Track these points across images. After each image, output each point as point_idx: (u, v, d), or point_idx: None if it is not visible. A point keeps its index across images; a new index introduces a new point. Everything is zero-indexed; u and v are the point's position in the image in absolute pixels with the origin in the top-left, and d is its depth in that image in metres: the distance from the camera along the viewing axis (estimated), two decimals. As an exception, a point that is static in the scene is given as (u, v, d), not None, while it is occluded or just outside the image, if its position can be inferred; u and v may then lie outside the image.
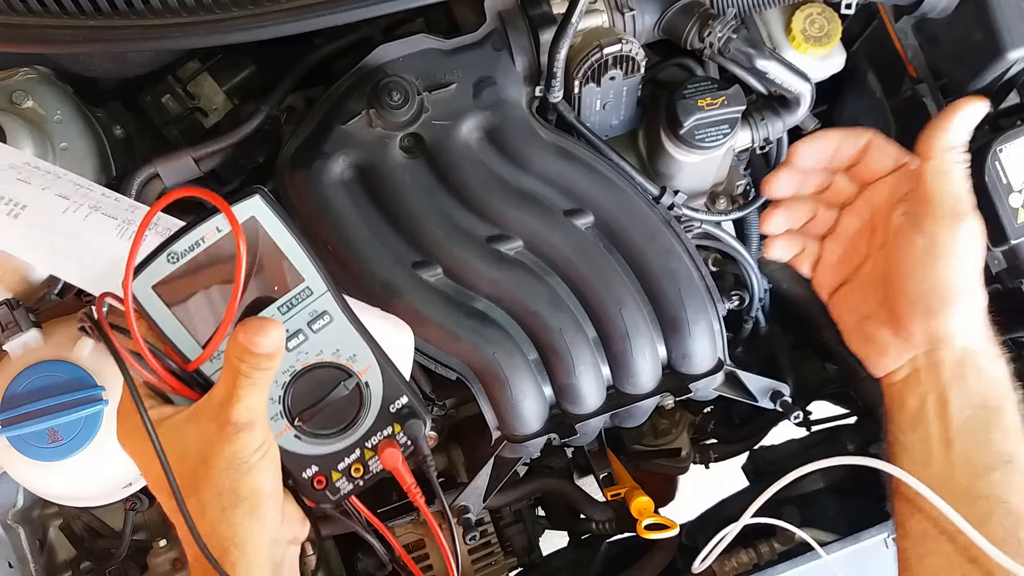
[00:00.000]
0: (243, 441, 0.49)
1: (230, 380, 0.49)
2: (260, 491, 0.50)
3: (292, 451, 0.55)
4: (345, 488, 0.57)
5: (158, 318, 0.50)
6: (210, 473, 0.49)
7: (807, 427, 1.12)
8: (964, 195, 0.50)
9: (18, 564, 0.81)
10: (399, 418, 0.57)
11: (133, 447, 0.53)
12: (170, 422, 0.51)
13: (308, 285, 0.52)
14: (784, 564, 0.79)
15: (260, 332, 0.48)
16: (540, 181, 0.75)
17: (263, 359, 0.48)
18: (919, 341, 0.52)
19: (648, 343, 0.73)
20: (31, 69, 0.72)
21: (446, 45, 0.74)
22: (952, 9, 0.78)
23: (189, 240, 0.49)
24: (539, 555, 1.07)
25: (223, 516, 0.49)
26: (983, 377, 0.52)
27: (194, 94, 0.81)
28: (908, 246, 0.51)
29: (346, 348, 0.54)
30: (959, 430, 0.51)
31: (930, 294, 0.51)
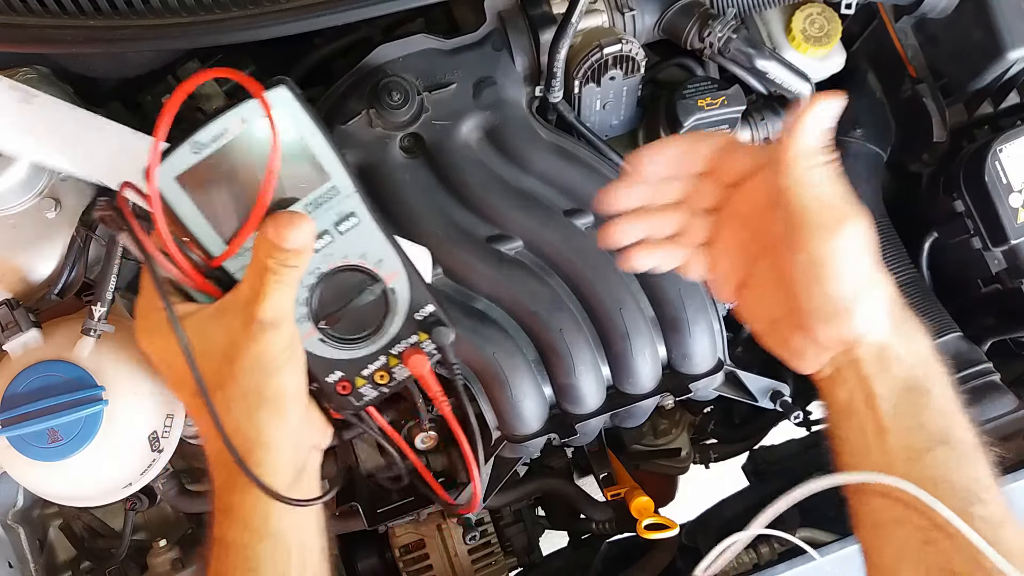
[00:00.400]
0: (269, 340, 0.48)
1: (257, 277, 0.47)
2: (285, 392, 0.49)
3: (317, 354, 0.54)
4: (369, 395, 0.56)
5: (181, 211, 0.48)
6: (235, 372, 0.48)
7: (807, 427, 1.11)
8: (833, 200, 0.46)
9: (18, 564, 0.81)
10: (425, 326, 0.55)
11: (153, 345, 0.51)
12: (194, 318, 0.49)
13: (335, 184, 0.49)
14: (784, 564, 0.79)
15: (290, 226, 0.46)
16: (540, 181, 0.75)
17: (292, 255, 0.47)
18: (832, 344, 0.50)
19: (648, 343, 0.73)
20: (31, 69, 0.72)
21: (446, 45, 0.74)
22: (952, 9, 0.78)
23: (214, 130, 0.47)
24: (539, 555, 1.07)
25: (248, 415, 0.48)
26: (904, 363, 0.50)
27: (194, 94, 0.81)
28: (791, 264, 0.48)
29: (373, 252, 0.52)
30: (890, 418, 0.50)
31: (826, 306, 0.48)
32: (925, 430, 0.50)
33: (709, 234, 0.55)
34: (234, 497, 0.50)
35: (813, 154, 0.46)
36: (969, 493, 0.49)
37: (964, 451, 0.50)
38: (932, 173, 0.90)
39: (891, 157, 0.92)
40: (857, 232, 0.47)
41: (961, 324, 0.85)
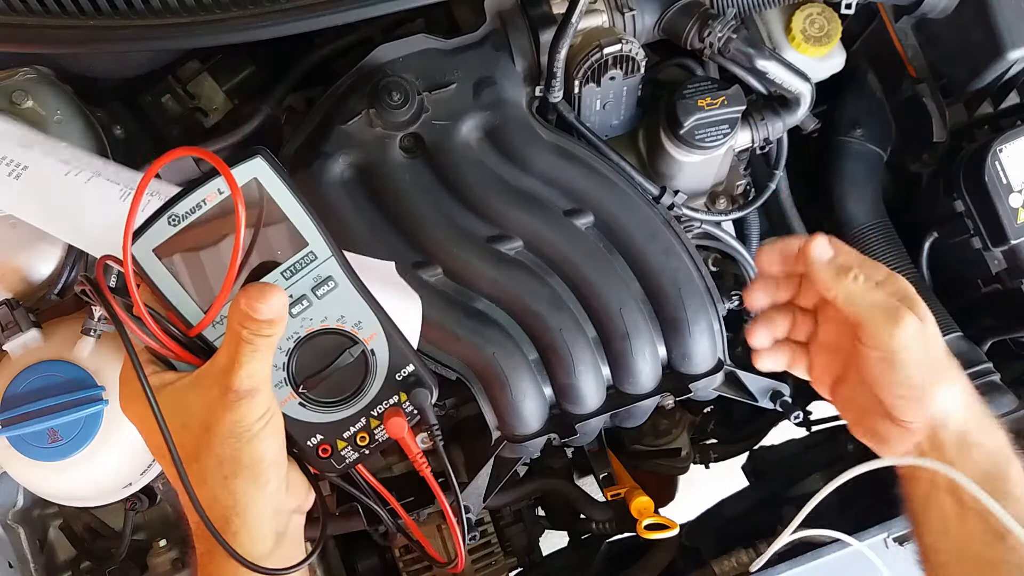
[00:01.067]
0: (245, 409, 0.48)
1: (232, 346, 0.48)
2: (263, 460, 0.49)
3: (297, 419, 0.54)
4: (351, 457, 0.56)
5: (159, 282, 0.49)
6: (212, 441, 0.48)
7: (807, 427, 1.11)
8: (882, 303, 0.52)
9: (18, 564, 0.81)
10: (405, 386, 0.56)
11: (135, 413, 0.52)
12: (172, 388, 0.50)
13: (312, 249, 0.50)
14: (784, 564, 0.79)
15: (261, 298, 0.47)
16: (540, 181, 0.75)
17: (265, 325, 0.47)
18: (917, 430, 0.54)
19: (648, 343, 0.73)
20: (31, 69, 0.72)
21: (446, 45, 0.74)
22: (952, 9, 0.78)
23: (190, 202, 0.48)
24: (539, 555, 1.07)
25: (225, 484, 0.49)
26: (984, 450, 0.54)
27: (194, 94, 0.81)
28: (866, 361, 0.53)
29: (351, 314, 0.53)
30: (972, 502, 0.53)
31: (905, 397, 0.53)
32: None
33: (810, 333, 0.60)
34: (212, 567, 0.50)
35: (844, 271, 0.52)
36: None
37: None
38: (932, 173, 0.90)
39: (891, 157, 0.92)
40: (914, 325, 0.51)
41: (961, 324, 0.85)
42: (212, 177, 0.47)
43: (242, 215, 0.46)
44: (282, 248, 0.50)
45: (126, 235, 0.47)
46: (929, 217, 0.89)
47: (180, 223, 0.48)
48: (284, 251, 0.50)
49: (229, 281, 0.48)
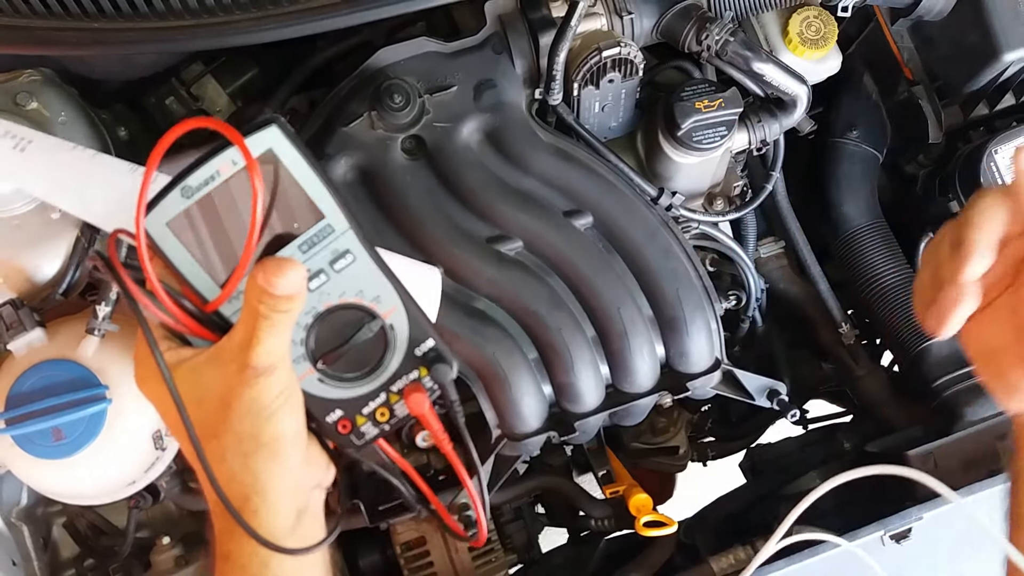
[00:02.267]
0: (264, 385, 0.47)
1: (250, 322, 0.46)
2: (282, 437, 0.48)
3: (315, 395, 0.53)
4: (371, 433, 0.55)
5: (173, 256, 0.47)
6: (230, 418, 0.47)
7: (804, 425, 1.12)
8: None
9: (22, 562, 0.82)
10: (425, 362, 0.54)
11: (151, 391, 0.51)
12: (188, 364, 0.49)
13: (330, 222, 0.49)
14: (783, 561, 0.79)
15: (279, 273, 0.45)
16: (540, 182, 0.75)
17: (283, 301, 0.46)
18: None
19: (646, 342, 0.74)
20: (35, 71, 0.72)
21: (447, 48, 0.75)
22: (948, 12, 0.79)
23: (204, 174, 0.46)
24: (539, 552, 1.07)
25: (244, 462, 0.48)
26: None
27: (198, 96, 0.81)
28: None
29: (370, 289, 0.51)
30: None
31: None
32: None
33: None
34: (232, 545, 0.49)
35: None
36: None
37: None
38: (928, 174, 0.91)
39: (887, 159, 0.93)
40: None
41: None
42: (226, 147, 0.46)
43: (259, 188, 0.44)
44: (299, 220, 0.48)
45: (139, 206, 0.45)
46: (925, 218, 0.89)
47: (194, 195, 0.46)
48: (301, 223, 0.48)
49: (246, 255, 0.46)
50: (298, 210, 0.48)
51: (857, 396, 1.00)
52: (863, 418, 1.06)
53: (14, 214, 0.69)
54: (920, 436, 0.89)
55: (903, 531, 0.80)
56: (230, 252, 0.48)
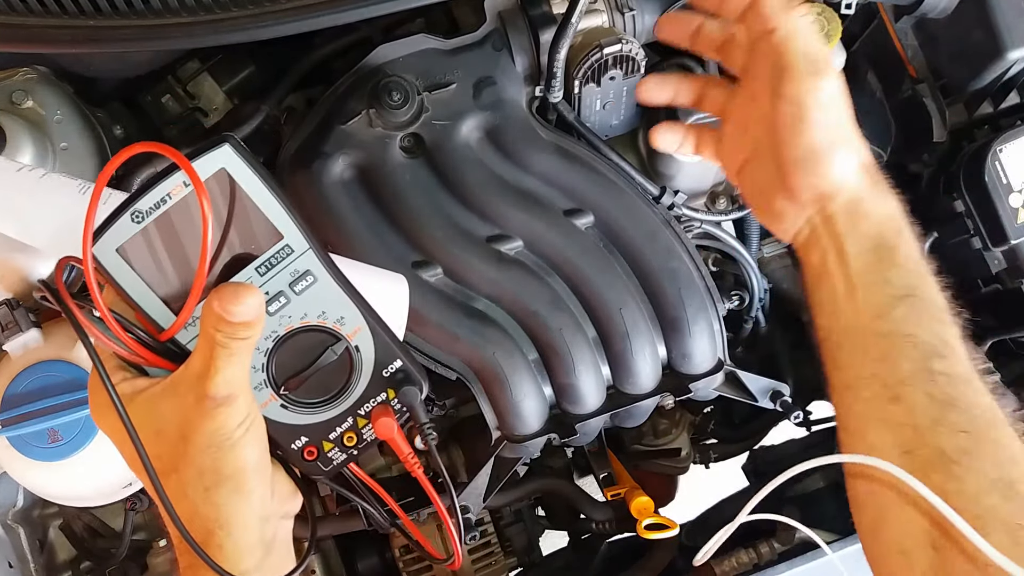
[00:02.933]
0: (224, 416, 0.45)
1: (207, 351, 0.45)
2: (245, 468, 0.47)
3: (279, 421, 0.51)
4: (338, 459, 0.54)
5: (125, 284, 0.46)
6: (190, 451, 0.45)
7: (807, 427, 1.11)
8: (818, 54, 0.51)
9: (18, 564, 0.81)
10: (393, 383, 0.53)
11: (106, 423, 0.49)
12: (145, 395, 0.47)
13: (288, 242, 0.47)
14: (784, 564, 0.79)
15: (235, 300, 0.43)
16: (540, 181, 0.75)
17: (241, 328, 0.44)
18: (808, 201, 0.53)
19: (648, 343, 0.73)
20: (31, 69, 0.72)
21: (446, 45, 0.74)
22: (952, 9, 0.78)
23: (154, 197, 0.44)
24: (539, 555, 1.07)
25: (206, 496, 0.46)
26: (873, 219, 0.53)
27: (194, 94, 0.81)
28: (777, 114, 0.52)
29: (333, 310, 0.50)
30: (859, 275, 0.52)
31: (806, 156, 0.52)
32: (891, 285, 0.52)
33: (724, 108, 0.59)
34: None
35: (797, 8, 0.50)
36: (930, 347, 0.50)
37: (928, 307, 0.52)
38: (932, 173, 0.90)
39: (891, 157, 0.92)
40: (836, 85, 0.51)
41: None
42: (176, 168, 0.44)
43: (207, 211, 0.43)
44: (256, 242, 0.47)
45: (86, 232, 0.43)
46: (929, 217, 0.89)
47: (144, 219, 0.45)
48: (258, 245, 0.47)
49: (199, 281, 0.44)
50: (256, 230, 0.47)
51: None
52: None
53: (9, 213, 0.68)
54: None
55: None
56: (184, 277, 0.46)
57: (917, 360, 0.50)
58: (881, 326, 0.51)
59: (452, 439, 0.93)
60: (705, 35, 0.61)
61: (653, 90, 0.64)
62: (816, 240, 0.54)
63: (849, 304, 0.53)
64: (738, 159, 0.58)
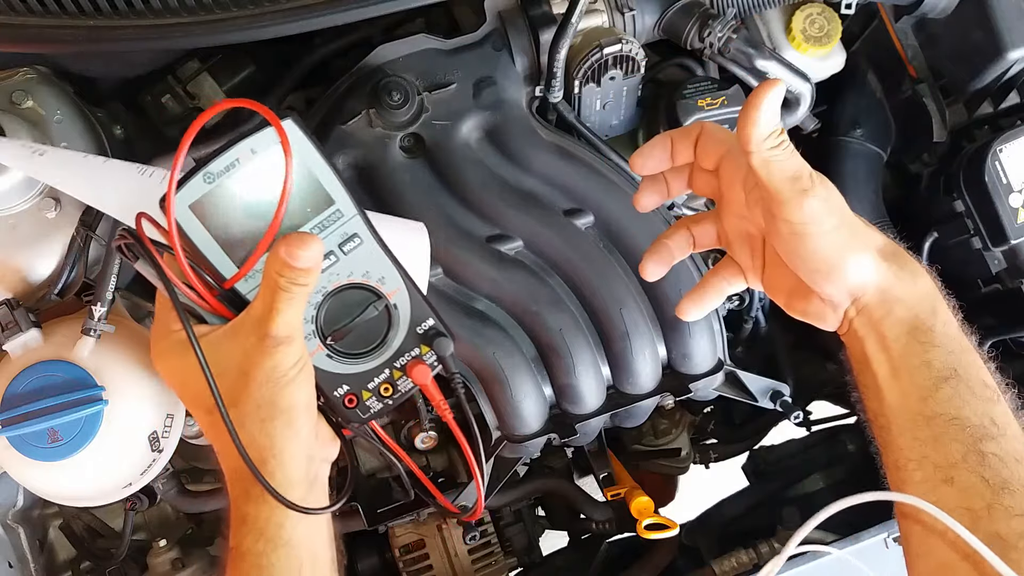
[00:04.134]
0: (282, 355, 0.50)
1: (269, 295, 0.50)
2: (297, 404, 0.51)
3: (324, 369, 0.56)
4: (375, 407, 0.58)
5: (195, 237, 0.50)
6: (250, 386, 0.50)
7: (807, 427, 1.12)
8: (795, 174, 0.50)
9: (18, 564, 0.81)
10: (426, 339, 0.58)
11: (169, 367, 0.54)
12: (207, 339, 0.52)
13: (339, 207, 0.52)
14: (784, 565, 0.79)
15: (302, 245, 0.48)
16: (540, 181, 0.75)
17: (302, 274, 0.49)
18: (841, 299, 0.54)
19: (648, 343, 0.73)
20: (31, 69, 0.72)
21: (446, 45, 0.74)
22: (952, 9, 0.78)
23: (225, 160, 0.49)
24: (539, 555, 1.07)
25: (262, 427, 0.50)
26: (906, 303, 0.53)
27: (194, 94, 0.81)
28: (777, 235, 0.52)
29: (375, 270, 0.55)
30: (900, 359, 0.52)
31: (819, 269, 0.52)
32: (932, 368, 0.51)
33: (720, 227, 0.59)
34: (249, 508, 0.51)
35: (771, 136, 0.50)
36: (979, 429, 0.50)
37: (973, 387, 0.51)
38: (932, 173, 0.90)
39: (891, 157, 0.92)
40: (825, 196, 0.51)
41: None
42: (245, 136, 0.49)
43: (290, 166, 0.48)
44: (311, 205, 0.52)
45: (170, 185, 0.48)
46: (929, 217, 0.89)
47: (215, 180, 0.49)
48: (313, 208, 0.52)
49: (273, 229, 0.49)
50: (310, 196, 0.51)
51: (861, 397, 0.99)
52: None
53: (9, 213, 0.68)
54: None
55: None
56: (247, 234, 0.51)
57: (967, 442, 0.50)
58: (927, 408, 0.51)
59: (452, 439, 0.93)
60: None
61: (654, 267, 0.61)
62: (855, 329, 0.54)
63: (894, 387, 0.53)
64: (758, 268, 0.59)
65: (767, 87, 0.49)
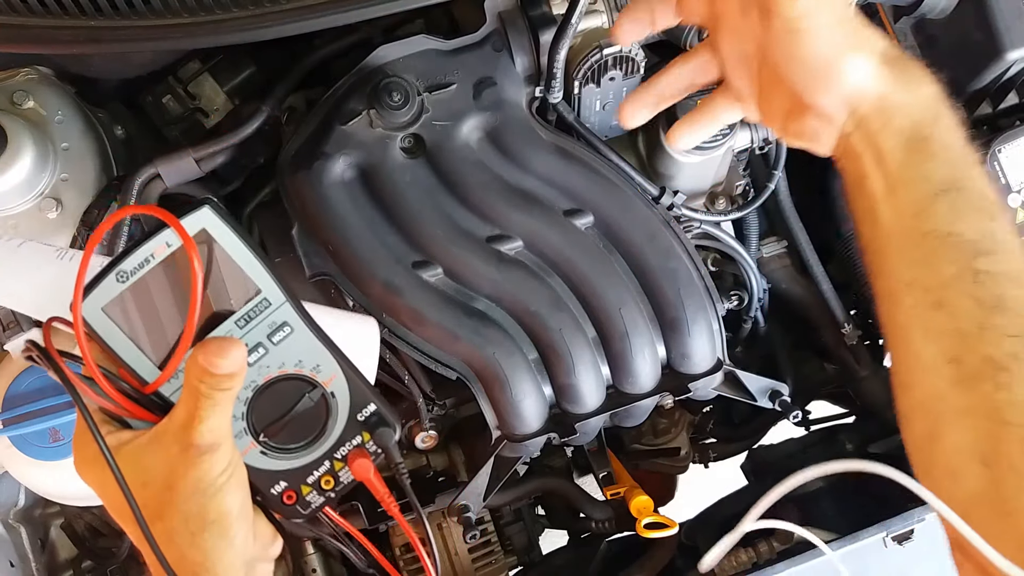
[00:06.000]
0: (208, 464, 0.47)
1: (191, 401, 0.47)
2: (229, 513, 0.48)
3: (259, 467, 0.54)
4: (316, 502, 0.56)
5: (111, 340, 0.48)
6: (175, 498, 0.47)
7: (806, 427, 1.12)
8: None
9: (19, 563, 0.82)
10: (368, 426, 0.55)
11: (92, 476, 0.50)
12: (130, 447, 0.49)
13: (266, 296, 0.50)
14: (783, 564, 0.79)
15: (220, 353, 0.46)
16: (540, 181, 0.75)
17: (225, 379, 0.47)
18: (837, 111, 0.49)
19: (647, 343, 0.73)
20: (32, 69, 0.72)
21: (446, 46, 0.74)
22: (951, 10, 0.79)
23: (138, 257, 0.47)
24: (539, 554, 1.07)
25: (192, 541, 0.48)
26: (905, 111, 0.48)
27: (195, 94, 0.81)
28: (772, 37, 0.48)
29: (309, 358, 0.52)
30: (897, 173, 0.48)
31: (814, 71, 0.48)
32: (929, 181, 0.47)
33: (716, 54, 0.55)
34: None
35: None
36: (974, 245, 0.46)
37: (973, 201, 0.47)
38: (931, 173, 0.91)
39: (890, 157, 0.92)
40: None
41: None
42: (159, 231, 0.47)
43: (198, 267, 0.46)
44: (234, 296, 0.50)
45: (76, 292, 0.46)
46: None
47: (128, 279, 0.47)
48: (237, 299, 0.50)
49: (188, 333, 0.47)
50: (233, 286, 0.49)
51: (860, 397, 1.00)
52: (866, 419, 1.05)
53: (10, 213, 0.68)
54: (924, 437, 0.88)
55: (905, 533, 0.79)
56: (166, 333, 0.49)
57: (960, 261, 0.46)
58: (921, 226, 0.47)
59: (452, 439, 0.93)
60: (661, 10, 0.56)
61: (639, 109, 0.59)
62: (851, 146, 0.49)
63: (888, 206, 0.48)
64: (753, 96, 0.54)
65: None
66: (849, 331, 0.94)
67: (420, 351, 0.72)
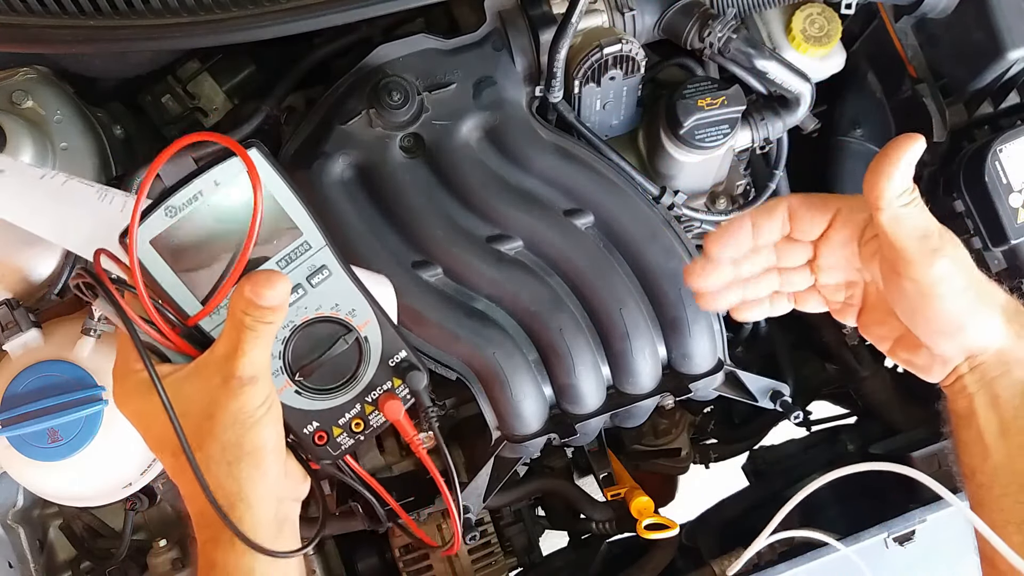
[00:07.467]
0: (248, 395, 0.49)
1: (234, 334, 0.48)
2: (265, 446, 0.50)
3: (293, 407, 0.54)
4: (346, 443, 0.57)
5: (156, 274, 0.48)
6: (215, 428, 0.49)
7: (807, 427, 1.12)
8: (927, 231, 0.49)
9: (18, 564, 0.81)
10: (399, 372, 0.56)
11: (132, 408, 0.52)
12: (171, 379, 0.50)
13: (307, 239, 0.51)
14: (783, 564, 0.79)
15: (267, 284, 0.47)
16: (540, 181, 0.75)
17: (268, 312, 0.48)
18: (955, 356, 0.52)
19: (648, 343, 0.73)
20: (31, 69, 0.72)
21: (446, 45, 0.74)
22: (952, 9, 0.78)
23: (187, 193, 0.47)
24: (539, 555, 1.07)
25: (228, 471, 0.49)
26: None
27: (194, 94, 0.81)
28: (899, 292, 0.51)
29: (345, 303, 0.53)
30: (1012, 420, 0.51)
31: (943, 328, 0.51)
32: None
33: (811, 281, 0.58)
34: (218, 554, 0.50)
35: (904, 193, 0.48)
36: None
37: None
38: (932, 173, 0.90)
39: (891, 157, 0.92)
40: (954, 256, 0.49)
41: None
42: (208, 168, 0.47)
43: (259, 197, 0.46)
44: (277, 237, 0.50)
45: (132, 222, 0.47)
46: (929, 217, 0.89)
47: (177, 214, 0.48)
48: (279, 241, 0.50)
49: (239, 267, 0.48)
50: (277, 227, 0.50)
51: (861, 397, 1.00)
52: (867, 420, 1.05)
53: (9, 213, 0.68)
54: (924, 438, 0.88)
55: (906, 533, 0.79)
56: (211, 268, 0.49)
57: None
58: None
59: (452, 439, 0.93)
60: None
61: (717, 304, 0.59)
62: (965, 385, 0.53)
63: (1001, 447, 0.52)
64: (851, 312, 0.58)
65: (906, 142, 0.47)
66: (850, 331, 0.94)
67: (420, 351, 0.72)
